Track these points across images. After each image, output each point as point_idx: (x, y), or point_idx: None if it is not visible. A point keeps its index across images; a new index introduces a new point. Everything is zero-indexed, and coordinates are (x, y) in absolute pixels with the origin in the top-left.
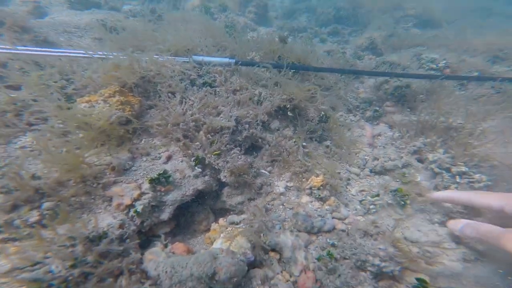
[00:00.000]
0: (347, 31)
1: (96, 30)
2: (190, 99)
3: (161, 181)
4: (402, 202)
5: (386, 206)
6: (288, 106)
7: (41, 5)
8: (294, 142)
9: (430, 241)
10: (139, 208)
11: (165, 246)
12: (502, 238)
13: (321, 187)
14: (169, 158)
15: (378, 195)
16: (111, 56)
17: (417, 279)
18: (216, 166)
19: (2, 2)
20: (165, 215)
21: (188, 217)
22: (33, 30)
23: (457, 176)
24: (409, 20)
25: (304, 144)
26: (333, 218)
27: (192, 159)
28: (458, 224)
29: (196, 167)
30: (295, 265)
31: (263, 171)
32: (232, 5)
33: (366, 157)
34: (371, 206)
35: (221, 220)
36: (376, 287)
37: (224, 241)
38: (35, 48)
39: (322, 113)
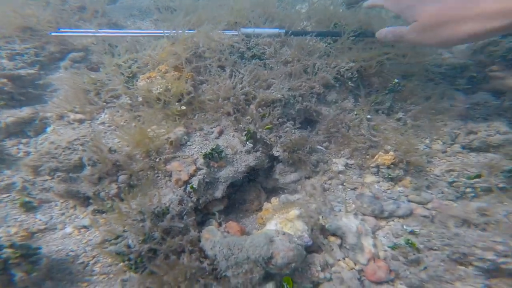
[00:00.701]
0: None
1: (154, 12)
2: (240, 72)
3: (214, 156)
4: None
5: (497, 189)
6: (349, 74)
7: None
8: (356, 114)
9: None
10: (195, 184)
11: (219, 224)
12: (405, 33)
13: (392, 165)
14: (220, 132)
15: (479, 176)
16: (167, 34)
17: None
18: (268, 141)
19: None
20: (218, 193)
21: (240, 196)
22: (107, 15)
23: None
24: None
25: (369, 116)
26: (409, 201)
27: (244, 133)
28: (382, 32)
29: (247, 142)
30: (362, 253)
31: (319, 147)
32: None
33: (454, 131)
34: (468, 189)
35: (274, 199)
36: (488, 285)
37: (279, 221)
38: (110, 31)
39: (396, 80)
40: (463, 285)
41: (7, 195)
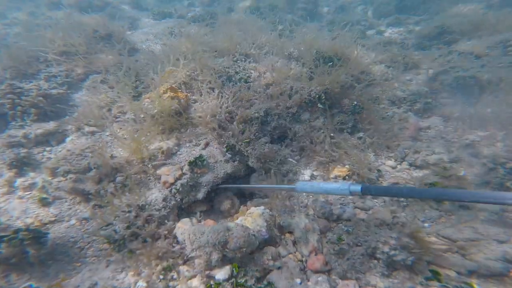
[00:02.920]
0: (412, 21)
1: (164, 37)
2: (226, 93)
3: (198, 164)
4: None
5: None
6: (319, 96)
7: (135, 17)
8: (322, 132)
9: (465, 238)
10: (179, 185)
11: (199, 221)
12: None
13: (347, 177)
14: (206, 145)
15: None
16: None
17: (431, 271)
18: (245, 153)
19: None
20: (200, 194)
21: (219, 200)
22: (128, 41)
23: None
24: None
25: (332, 135)
26: (355, 207)
27: (224, 145)
28: None
29: (227, 153)
30: (306, 246)
31: (290, 159)
32: (281, 4)
33: (405, 150)
34: (402, 199)
35: (248, 203)
36: (387, 275)
37: (243, 218)
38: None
39: (355, 102)
40: (371, 275)
41: (29, 192)
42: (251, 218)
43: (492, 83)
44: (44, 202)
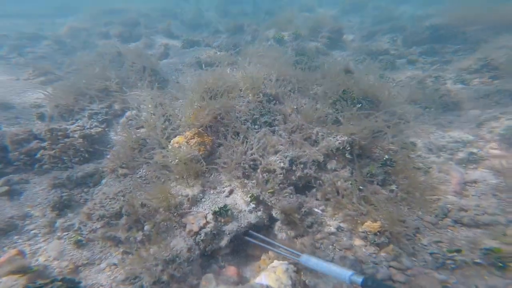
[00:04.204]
0: (450, 50)
1: (193, 67)
2: (251, 140)
3: (222, 213)
4: (501, 264)
5: (472, 264)
6: (347, 147)
7: (168, 46)
8: (350, 184)
9: None
10: (203, 235)
11: (220, 268)
12: None
13: (378, 233)
14: (231, 192)
15: (460, 251)
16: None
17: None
18: (269, 203)
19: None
20: (223, 242)
21: (243, 248)
22: (159, 73)
23: None
24: None
25: (361, 187)
26: (390, 267)
27: (248, 195)
28: None
29: (251, 203)
30: None
31: (316, 209)
32: (304, 32)
33: (448, 206)
34: (449, 261)
35: (270, 252)
36: None
37: (267, 274)
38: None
39: (386, 156)
40: None
41: (67, 233)
42: (275, 275)
43: None
44: (79, 244)
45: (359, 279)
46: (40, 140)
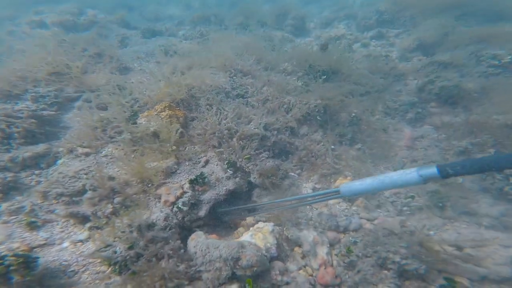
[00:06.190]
0: (393, 34)
1: (157, 55)
2: (224, 110)
3: (199, 181)
4: (440, 204)
5: (425, 208)
6: (321, 110)
7: (126, 36)
8: (323, 145)
9: (472, 243)
10: (181, 204)
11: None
12: None
13: None
14: (206, 162)
15: (412, 197)
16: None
17: (445, 278)
18: (246, 169)
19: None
20: (202, 212)
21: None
22: (119, 60)
23: (511, 177)
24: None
25: (332, 147)
26: (360, 218)
27: (225, 162)
28: None
29: (228, 170)
30: (315, 259)
31: (292, 173)
32: (270, 21)
33: (403, 160)
34: (404, 208)
35: (250, 218)
36: (399, 285)
37: (254, 233)
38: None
39: (353, 114)
40: (383, 287)
41: (15, 217)
42: (262, 234)
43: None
44: (33, 226)
45: (431, 170)
46: None
